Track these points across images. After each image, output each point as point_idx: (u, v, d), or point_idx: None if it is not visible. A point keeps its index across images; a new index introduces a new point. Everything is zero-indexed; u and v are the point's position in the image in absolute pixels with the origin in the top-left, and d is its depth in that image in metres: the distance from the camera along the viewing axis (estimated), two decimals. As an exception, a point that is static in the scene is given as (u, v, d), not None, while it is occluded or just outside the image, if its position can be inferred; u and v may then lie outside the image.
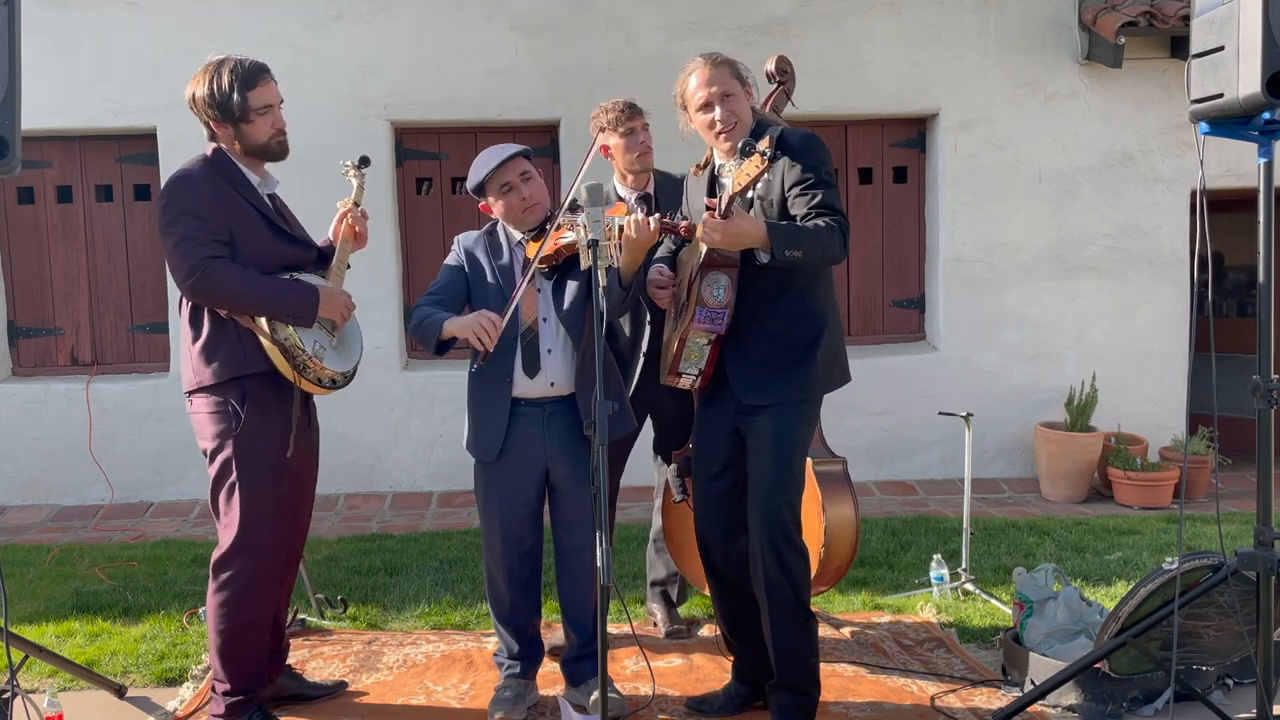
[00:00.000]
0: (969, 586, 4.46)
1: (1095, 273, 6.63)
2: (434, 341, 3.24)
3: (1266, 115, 2.71)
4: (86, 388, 6.34)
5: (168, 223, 3.08)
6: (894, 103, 6.54)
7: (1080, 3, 6.49)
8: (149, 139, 6.30)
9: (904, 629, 4.12)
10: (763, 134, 2.97)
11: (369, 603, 4.50)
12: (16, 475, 6.34)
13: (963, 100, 6.52)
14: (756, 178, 2.84)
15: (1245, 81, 2.64)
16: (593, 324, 3.19)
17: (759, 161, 2.80)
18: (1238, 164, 6.13)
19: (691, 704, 3.44)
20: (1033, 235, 6.60)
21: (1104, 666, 3.29)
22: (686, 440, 3.76)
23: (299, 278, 3.23)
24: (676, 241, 3.39)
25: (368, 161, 3.51)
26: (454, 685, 3.67)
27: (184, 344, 3.19)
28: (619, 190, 3.94)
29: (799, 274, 3.08)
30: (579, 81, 6.20)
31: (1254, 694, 2.96)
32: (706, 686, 3.57)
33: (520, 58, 6.36)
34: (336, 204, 3.45)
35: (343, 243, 3.40)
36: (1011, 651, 3.61)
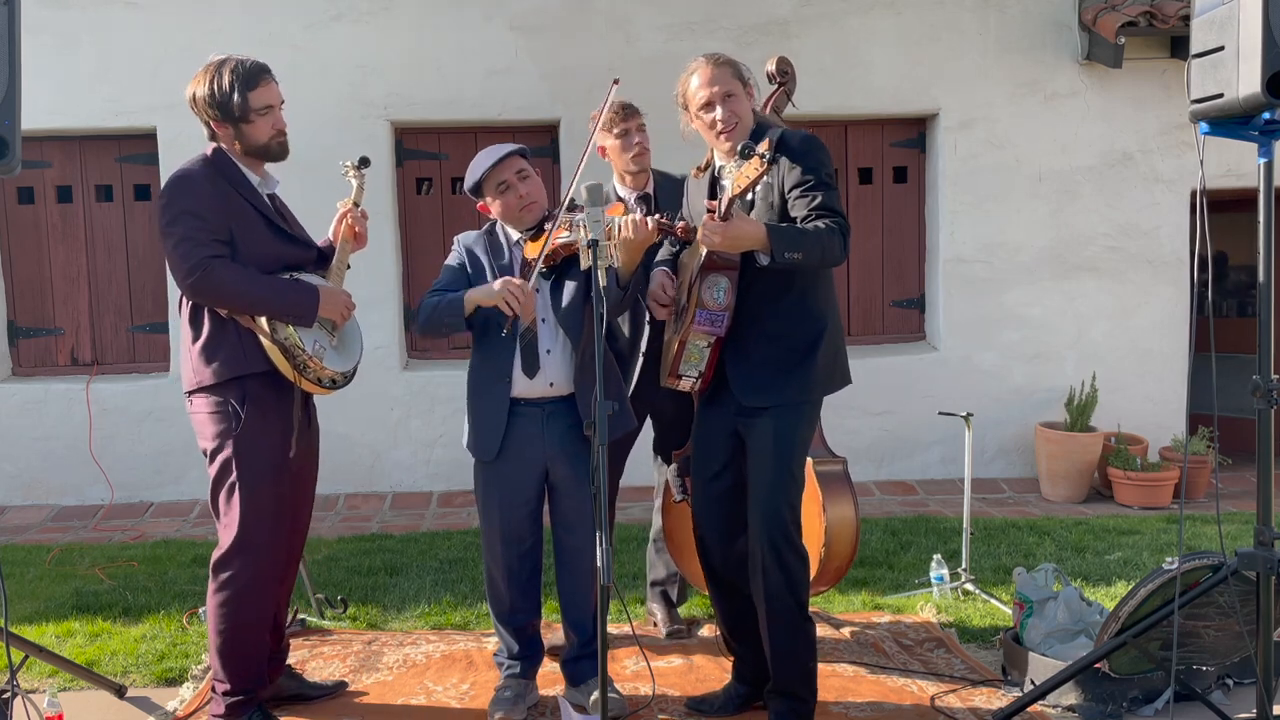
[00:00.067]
0: (969, 586, 4.46)
1: (1095, 273, 6.63)
2: (459, 318, 3.24)
3: (1266, 115, 2.71)
4: (86, 388, 6.34)
5: (168, 222, 3.08)
6: (894, 103, 6.54)
7: (1080, 3, 6.49)
8: (149, 139, 6.31)
9: (904, 629, 4.12)
10: (763, 136, 2.97)
11: (369, 603, 4.50)
12: (16, 475, 6.34)
13: (963, 100, 6.52)
14: (756, 180, 2.84)
15: (1245, 81, 2.64)
16: (592, 324, 3.20)
17: (758, 164, 2.80)
18: (1238, 164, 6.13)
19: (691, 704, 3.44)
20: (1033, 235, 6.60)
21: (1104, 666, 3.28)
22: (686, 440, 3.76)
23: (299, 278, 3.23)
24: (676, 243, 3.39)
25: (367, 162, 3.51)
26: (454, 685, 3.67)
27: (184, 344, 3.19)
28: (619, 191, 3.94)
29: (799, 276, 3.08)
30: (579, 81, 6.19)
31: (1254, 694, 2.96)
32: (706, 686, 3.57)
33: (520, 58, 6.37)
34: (336, 204, 3.45)
35: (342, 243, 3.40)
36: (1011, 651, 3.61)
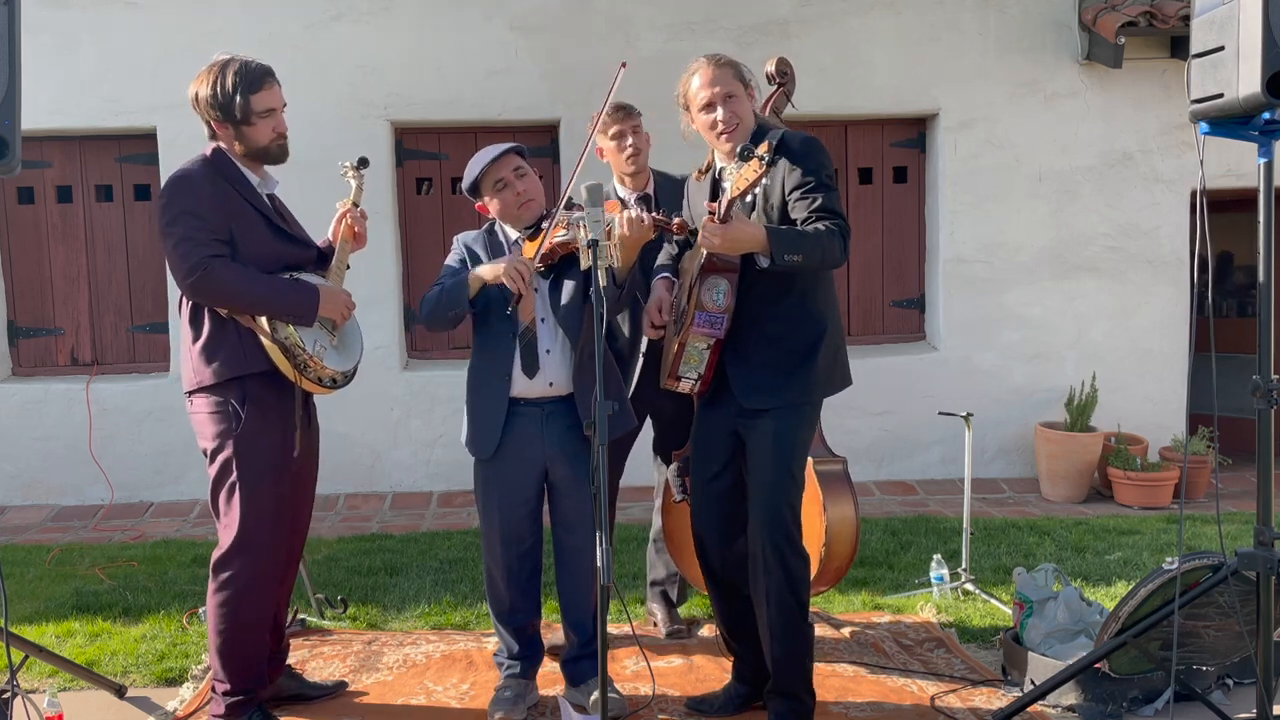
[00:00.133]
0: (969, 586, 4.46)
1: (1095, 273, 6.63)
2: (464, 299, 3.25)
3: (1266, 115, 2.71)
4: (86, 388, 6.34)
5: (168, 222, 3.08)
6: (894, 103, 6.54)
7: (1080, 3, 6.49)
8: (149, 139, 6.31)
9: (904, 629, 4.12)
10: (763, 137, 2.97)
11: (369, 603, 4.50)
12: (16, 475, 6.34)
13: (963, 100, 6.52)
14: (755, 182, 2.84)
15: (1245, 81, 2.64)
16: (591, 324, 3.20)
17: (757, 166, 2.80)
18: (1238, 164, 6.14)
19: (691, 704, 3.44)
20: (1033, 235, 6.60)
21: (1104, 666, 3.28)
22: (686, 440, 3.75)
23: (299, 277, 3.23)
24: (677, 243, 3.39)
25: (366, 162, 3.51)
26: (454, 685, 3.67)
27: (184, 344, 3.19)
28: (619, 192, 3.94)
29: (799, 278, 3.08)
30: (579, 81, 6.19)
31: (1254, 694, 2.96)
32: (706, 686, 3.57)
33: (520, 58, 6.37)
34: (335, 204, 3.45)
35: (342, 243, 3.40)
36: (1011, 651, 3.61)
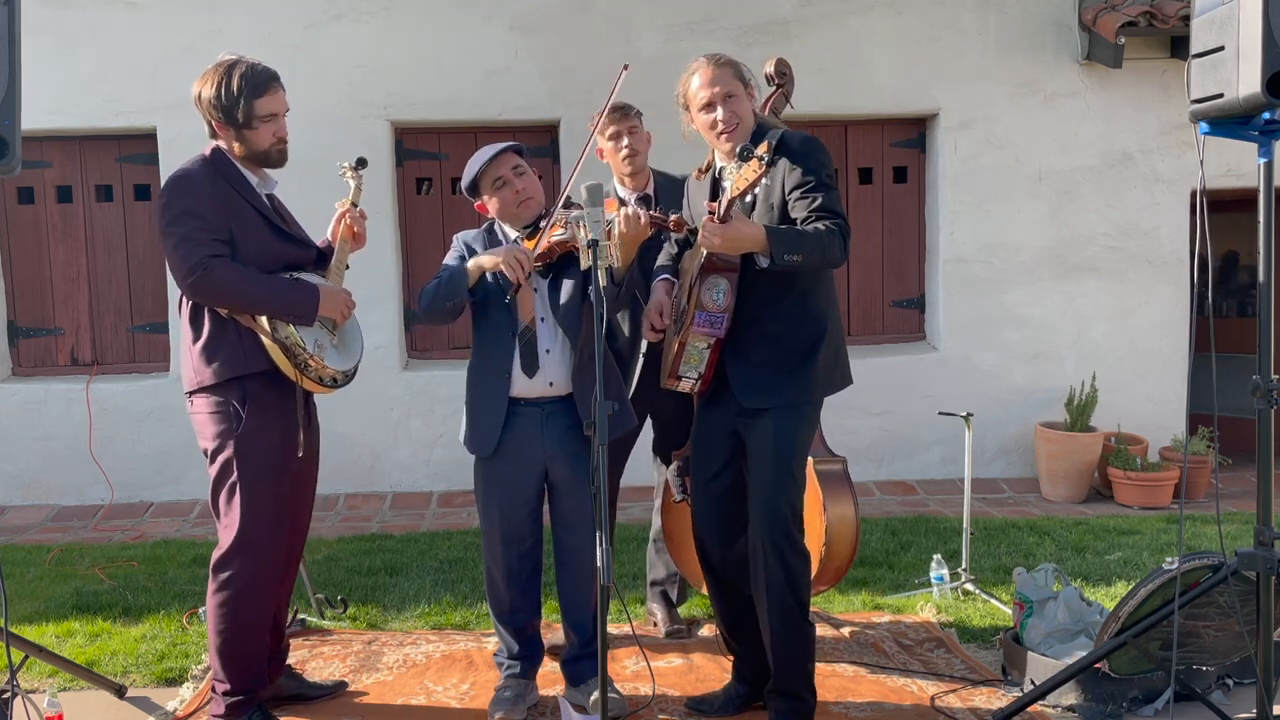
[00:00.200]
0: (969, 586, 4.46)
1: (1095, 273, 6.63)
2: (464, 288, 3.26)
3: (1266, 115, 2.71)
4: (86, 388, 6.34)
5: (168, 222, 3.08)
6: (894, 103, 6.54)
7: (1080, 3, 6.49)
8: (149, 139, 6.30)
9: (904, 629, 4.12)
10: (763, 137, 2.97)
11: (369, 603, 4.50)
12: (16, 475, 6.34)
13: (963, 100, 6.52)
14: (754, 182, 2.84)
15: (1245, 81, 2.64)
16: (591, 323, 3.20)
17: (757, 166, 2.80)
18: (1238, 164, 6.14)
19: (691, 704, 3.44)
20: (1033, 235, 6.60)
21: (1104, 666, 3.28)
22: (686, 440, 3.75)
23: (299, 277, 3.23)
24: (677, 242, 3.39)
25: (364, 163, 3.51)
26: (454, 685, 3.67)
27: (184, 344, 3.19)
28: (619, 192, 3.94)
29: (799, 277, 3.08)
30: (579, 81, 6.19)
31: (1254, 694, 2.96)
32: (706, 686, 3.57)
33: (520, 58, 6.37)
34: (335, 204, 3.45)
35: (341, 243, 3.40)
36: (1011, 651, 3.61)
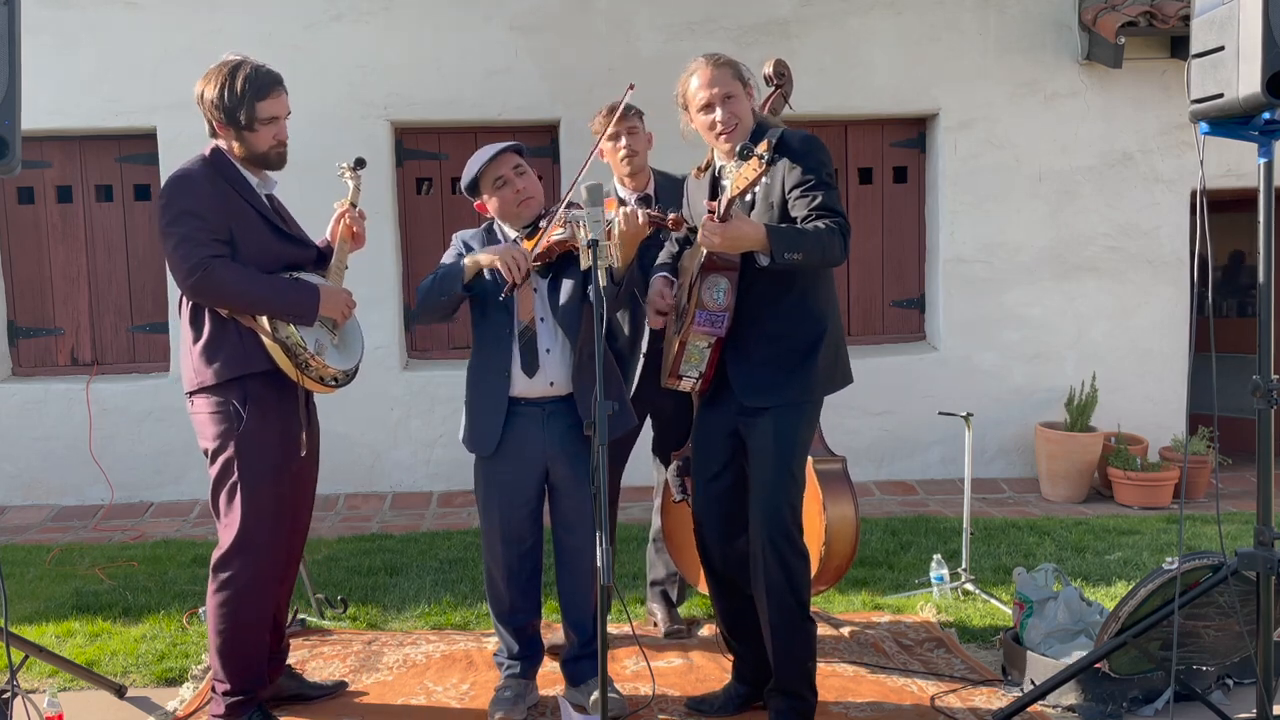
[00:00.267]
0: (969, 586, 4.46)
1: (1095, 273, 6.63)
2: (459, 284, 3.25)
3: (1266, 115, 2.71)
4: (86, 388, 6.34)
5: (168, 223, 3.08)
6: (894, 103, 6.54)
7: (1080, 3, 6.49)
8: (149, 139, 6.30)
9: (904, 629, 4.12)
10: (763, 136, 2.97)
11: (369, 603, 4.50)
12: (16, 475, 6.34)
13: (963, 100, 6.52)
14: (754, 181, 2.84)
15: (1245, 81, 2.64)
16: (591, 323, 3.20)
17: (757, 165, 2.80)
18: (1238, 164, 6.14)
19: (691, 704, 3.44)
20: (1033, 235, 6.60)
21: (1104, 666, 3.28)
22: (685, 440, 3.76)
23: (299, 277, 3.23)
24: (677, 241, 3.39)
25: (363, 163, 3.51)
26: (454, 685, 3.67)
27: (185, 344, 3.19)
28: (619, 192, 3.95)
29: (799, 276, 3.08)
30: (579, 81, 6.20)
31: (1254, 694, 2.96)
32: (706, 686, 3.57)
33: (520, 58, 6.36)
34: (334, 205, 3.45)
35: (341, 243, 3.40)
36: (1011, 651, 3.61)
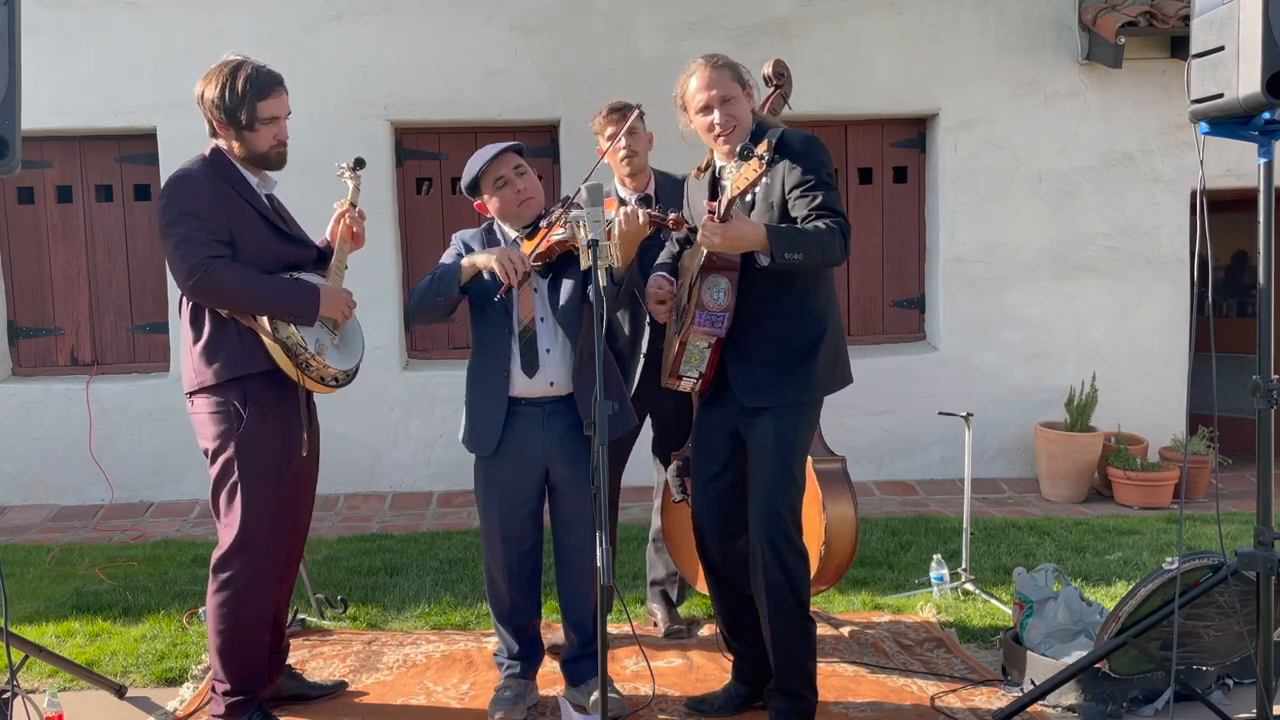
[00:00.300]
0: (969, 586, 4.46)
1: (1095, 273, 6.63)
2: (455, 286, 3.24)
3: (1266, 115, 2.71)
4: (86, 388, 6.34)
5: (168, 223, 3.08)
6: (894, 103, 6.54)
7: (1080, 3, 6.49)
8: (149, 139, 6.30)
9: (904, 629, 4.12)
10: (763, 136, 2.96)
11: (369, 603, 4.50)
12: (16, 475, 6.34)
13: (963, 100, 6.52)
14: (755, 181, 2.84)
15: (1245, 81, 2.64)
16: (591, 323, 3.20)
17: (757, 165, 2.80)
18: (1238, 164, 6.14)
19: (691, 704, 3.44)
20: (1033, 235, 6.60)
21: (1104, 666, 3.28)
22: (685, 440, 3.76)
23: (299, 277, 3.23)
24: (678, 241, 3.39)
25: (362, 163, 3.51)
26: (454, 685, 3.67)
27: (185, 345, 3.19)
28: (620, 193, 3.95)
29: (800, 276, 3.08)
30: (579, 81, 6.20)
31: (1254, 694, 2.96)
32: (706, 686, 3.57)
33: (520, 58, 6.36)
34: (334, 205, 3.45)
35: (340, 243, 3.40)
36: (1011, 651, 3.61)
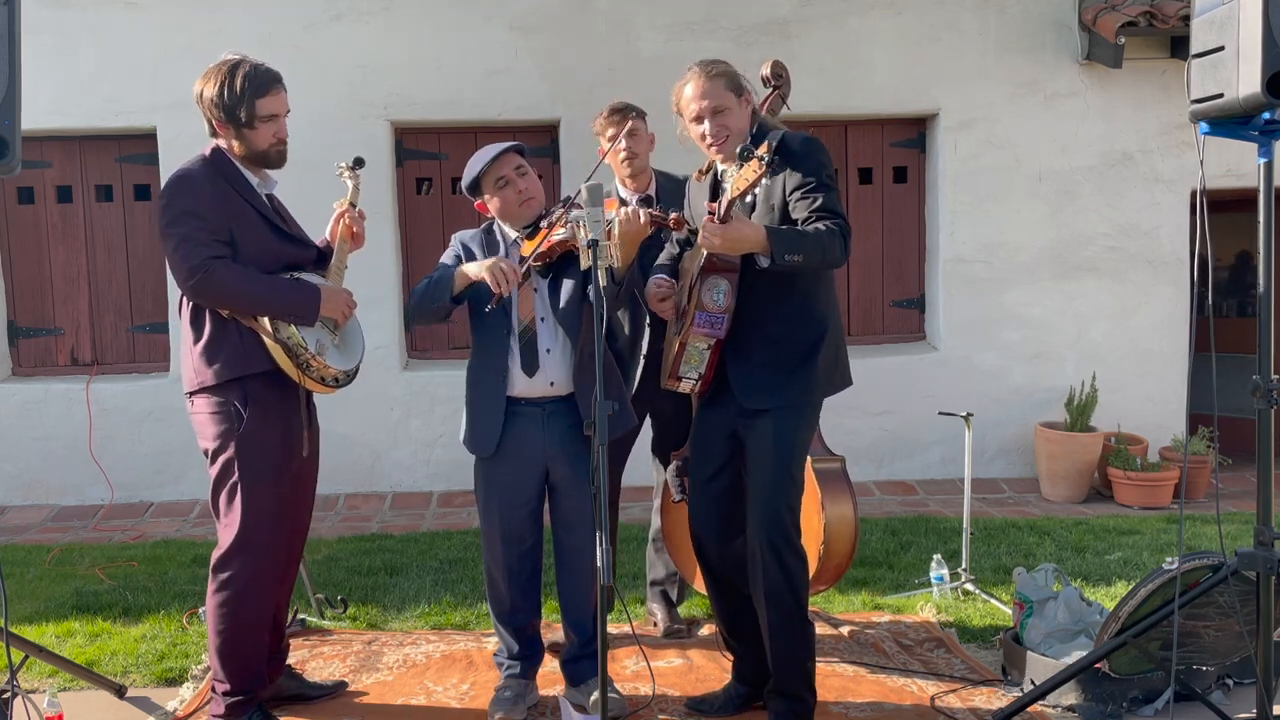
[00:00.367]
0: (969, 586, 4.46)
1: (1095, 273, 6.63)
2: (448, 294, 3.24)
3: (1266, 115, 2.71)
4: (86, 388, 6.34)
5: (168, 223, 3.08)
6: (894, 103, 6.54)
7: (1080, 3, 6.49)
8: (149, 139, 6.30)
9: (904, 629, 4.12)
10: (763, 138, 2.97)
11: (369, 603, 4.50)
12: (16, 475, 6.34)
13: (963, 100, 6.52)
14: (755, 182, 2.84)
15: (1245, 81, 2.64)
16: (591, 323, 3.20)
17: (757, 166, 2.80)
18: (1238, 164, 6.13)
19: (691, 704, 3.44)
20: (1033, 235, 6.60)
21: (1104, 666, 3.28)
22: (685, 440, 3.75)
23: (300, 277, 3.23)
24: (678, 242, 3.39)
25: (362, 163, 3.51)
26: (454, 685, 3.67)
27: (185, 345, 3.19)
28: (621, 192, 3.95)
29: (800, 278, 3.08)
30: (579, 81, 6.20)
31: (1254, 694, 2.96)
32: (706, 686, 3.57)
33: (520, 58, 6.36)
34: (333, 204, 3.45)
35: (340, 243, 3.40)
36: (1011, 651, 3.61)
